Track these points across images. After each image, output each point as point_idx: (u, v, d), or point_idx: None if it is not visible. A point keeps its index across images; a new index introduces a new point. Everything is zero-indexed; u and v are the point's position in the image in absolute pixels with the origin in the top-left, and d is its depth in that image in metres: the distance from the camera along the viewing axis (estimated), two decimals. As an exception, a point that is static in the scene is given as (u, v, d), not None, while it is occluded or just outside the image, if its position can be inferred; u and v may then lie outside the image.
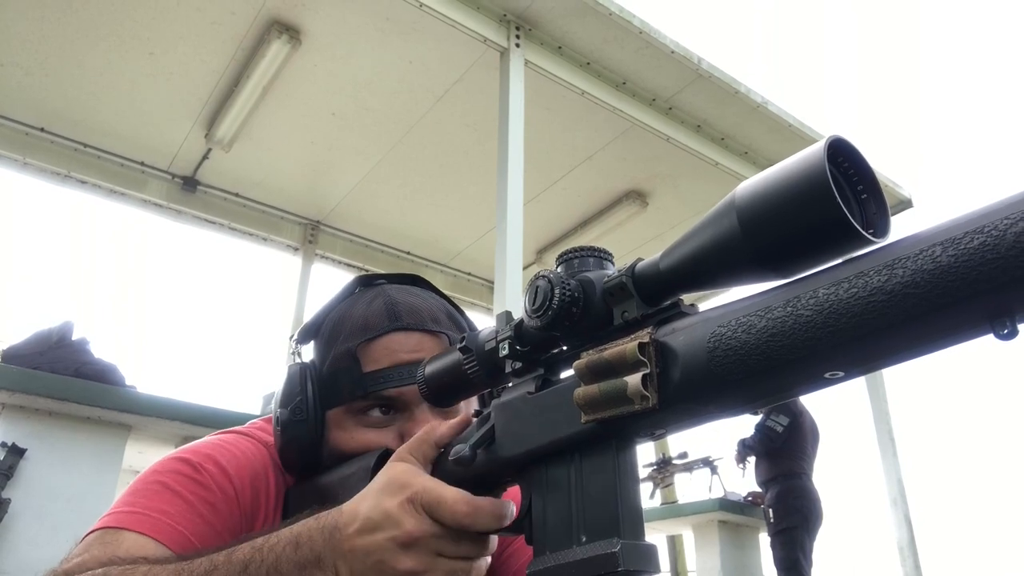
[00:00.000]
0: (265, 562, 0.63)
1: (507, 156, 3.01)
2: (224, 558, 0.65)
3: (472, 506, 0.62)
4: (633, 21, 3.32)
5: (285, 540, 0.64)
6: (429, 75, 3.59)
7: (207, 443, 0.88)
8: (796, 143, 3.93)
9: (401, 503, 0.62)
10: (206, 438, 0.91)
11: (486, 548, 0.65)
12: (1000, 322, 0.42)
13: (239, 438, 0.91)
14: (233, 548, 0.66)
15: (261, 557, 0.64)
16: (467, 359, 0.72)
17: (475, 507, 0.62)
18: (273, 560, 0.63)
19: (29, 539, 2.32)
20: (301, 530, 0.65)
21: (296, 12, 3.24)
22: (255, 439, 0.92)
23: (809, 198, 0.46)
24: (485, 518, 0.62)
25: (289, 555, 0.63)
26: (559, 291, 0.60)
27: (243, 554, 0.65)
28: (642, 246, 4.86)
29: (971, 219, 0.42)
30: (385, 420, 0.87)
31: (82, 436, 2.55)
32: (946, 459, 10.21)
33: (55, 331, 2.70)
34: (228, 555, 0.65)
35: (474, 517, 0.62)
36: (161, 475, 0.81)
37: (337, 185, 4.51)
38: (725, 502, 4.67)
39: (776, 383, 0.50)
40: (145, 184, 4.36)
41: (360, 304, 0.93)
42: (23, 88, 3.70)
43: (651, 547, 0.59)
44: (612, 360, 0.57)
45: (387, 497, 0.63)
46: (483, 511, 0.62)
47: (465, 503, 0.62)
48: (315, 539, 0.64)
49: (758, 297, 0.52)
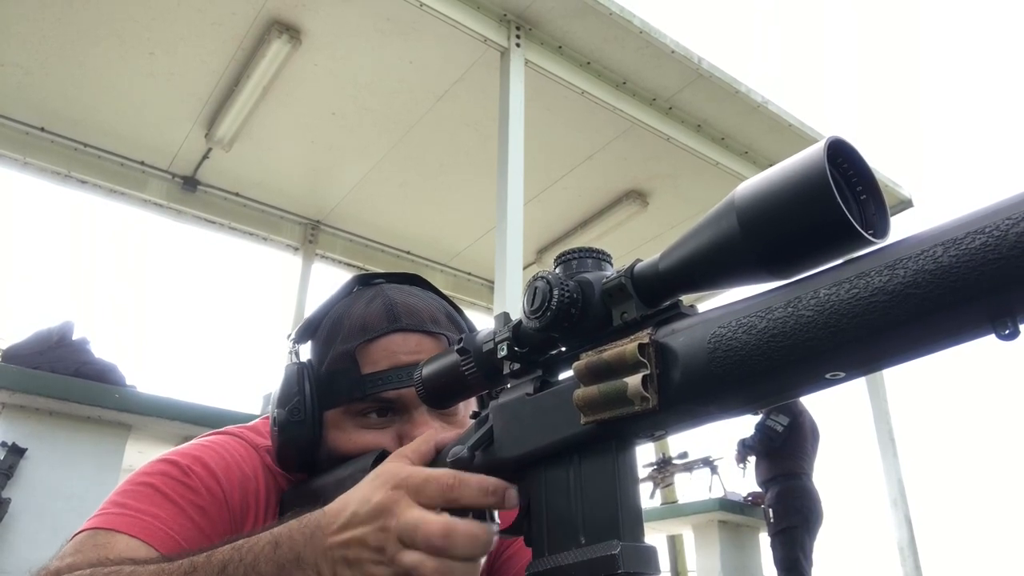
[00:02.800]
0: (244, 562, 0.63)
1: (507, 156, 3.01)
2: (204, 559, 0.64)
3: (458, 478, 0.62)
4: (633, 21, 3.32)
5: (265, 540, 0.64)
6: (429, 75, 3.59)
7: (196, 445, 0.87)
8: (796, 143, 3.93)
9: (387, 493, 0.62)
10: (195, 440, 0.90)
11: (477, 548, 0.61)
12: (1001, 322, 0.41)
13: (228, 439, 0.90)
14: (214, 549, 0.66)
15: (240, 556, 0.63)
16: (465, 360, 0.71)
17: (461, 479, 0.62)
18: (252, 560, 0.63)
19: (29, 539, 2.32)
20: (282, 530, 0.65)
21: (296, 12, 3.24)
22: (245, 441, 0.91)
23: (809, 199, 0.46)
24: (471, 490, 0.62)
25: (268, 555, 0.63)
26: (558, 292, 0.59)
27: (223, 555, 0.64)
28: (642, 246, 4.86)
29: (972, 219, 0.42)
30: (383, 422, 0.87)
31: (82, 436, 2.55)
32: (946, 459, 10.21)
33: (55, 331, 2.70)
34: (208, 556, 0.65)
35: (460, 489, 0.62)
36: (150, 477, 0.81)
37: (337, 185, 4.51)
38: (725, 502, 4.67)
39: (777, 384, 0.50)
40: (145, 184, 4.36)
41: (359, 304, 0.92)
42: (23, 88, 3.70)
43: (651, 549, 0.59)
44: (612, 361, 0.56)
45: (374, 491, 0.63)
46: (469, 483, 0.62)
47: (451, 475, 0.62)
48: (296, 539, 0.63)
49: (758, 298, 0.52)
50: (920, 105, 27.49)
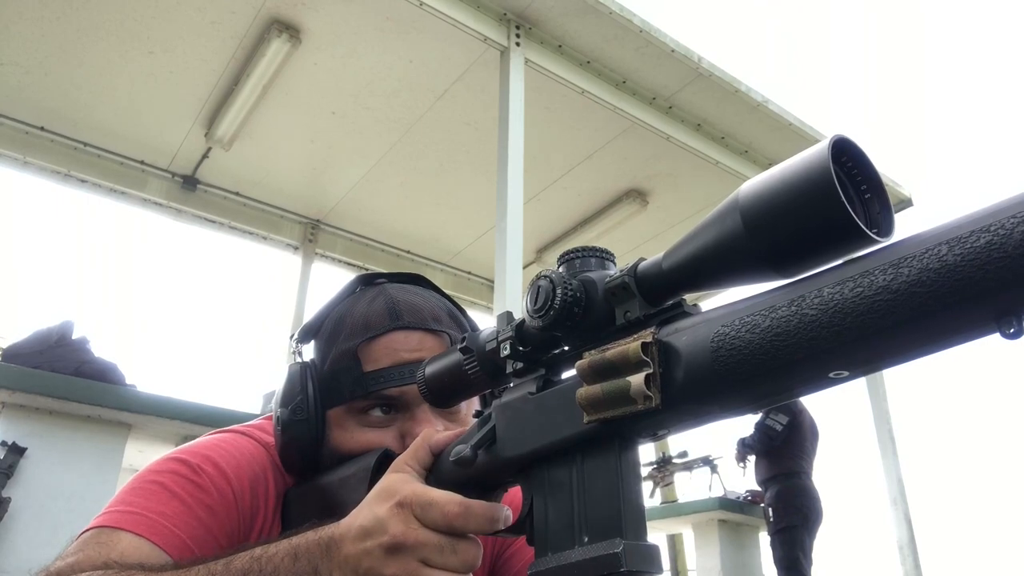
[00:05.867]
0: (263, 572, 0.64)
1: (507, 155, 3.01)
2: (222, 567, 0.65)
3: (463, 506, 0.62)
4: (633, 20, 3.32)
5: (284, 551, 0.65)
6: (429, 74, 3.58)
7: (205, 443, 0.87)
8: (796, 142, 3.94)
9: (391, 508, 0.62)
10: (204, 437, 0.90)
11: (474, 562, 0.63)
12: (1006, 321, 0.41)
13: (238, 438, 0.90)
14: (231, 557, 0.66)
15: (259, 567, 0.64)
16: (468, 359, 0.71)
17: (466, 507, 0.62)
18: (272, 571, 0.64)
19: (29, 538, 2.32)
20: (300, 542, 0.65)
21: (296, 11, 3.24)
22: (254, 439, 0.91)
23: (813, 198, 0.46)
24: (477, 519, 0.62)
25: (288, 567, 0.64)
26: (561, 291, 0.59)
27: (241, 563, 0.65)
28: (642, 245, 4.86)
29: (977, 218, 0.42)
30: (386, 420, 0.87)
31: (82, 435, 2.55)
32: (946, 459, 10.21)
33: (55, 330, 2.69)
34: (226, 564, 0.65)
35: (466, 518, 0.61)
36: (159, 475, 0.81)
37: (337, 184, 4.51)
38: (725, 501, 4.68)
39: (780, 383, 0.50)
40: (145, 183, 4.36)
41: (361, 303, 0.92)
42: (23, 87, 3.70)
43: (654, 547, 0.58)
44: (615, 360, 0.56)
45: (378, 505, 0.63)
46: (475, 511, 0.62)
47: (456, 503, 0.62)
48: (313, 551, 0.64)
49: (762, 297, 0.52)
50: (920, 103, 27.51)
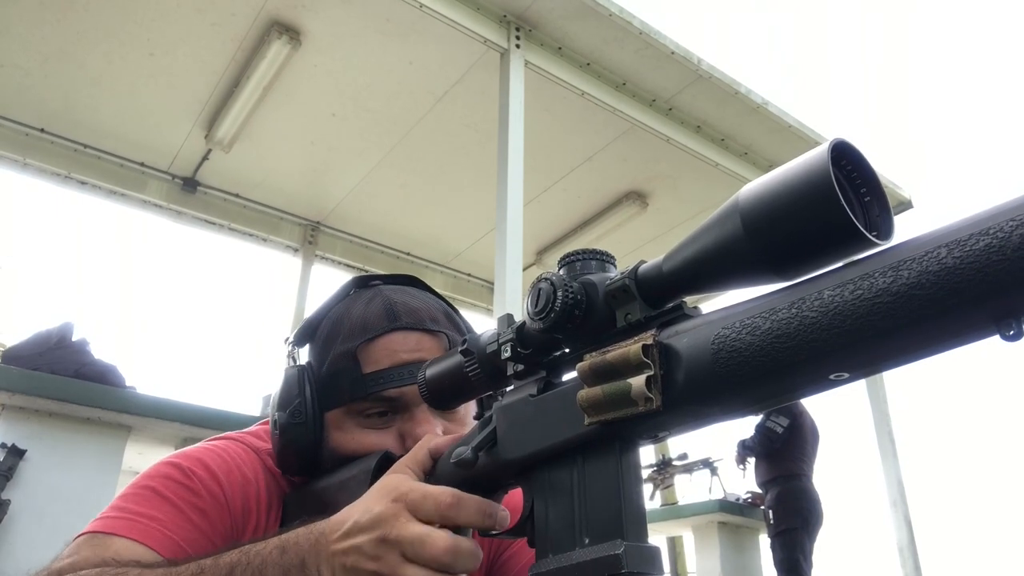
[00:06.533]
0: (251, 565, 0.64)
1: (507, 157, 3.01)
2: (211, 562, 0.66)
3: (456, 497, 0.62)
4: (633, 22, 3.32)
5: (272, 545, 0.66)
6: (429, 76, 3.59)
7: (198, 448, 0.88)
8: (796, 144, 3.94)
9: (387, 505, 0.63)
10: (199, 444, 0.91)
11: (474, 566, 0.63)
12: (1006, 323, 0.41)
13: (230, 443, 0.91)
14: (221, 552, 0.67)
15: (247, 560, 0.65)
16: (468, 362, 0.71)
17: (459, 498, 0.62)
18: (259, 564, 0.64)
19: (29, 540, 2.32)
20: (289, 536, 0.66)
21: (296, 13, 3.24)
22: (247, 445, 0.92)
23: (813, 201, 0.46)
24: (468, 511, 0.62)
25: (275, 559, 0.64)
26: (562, 294, 0.60)
27: (230, 558, 0.66)
28: (642, 247, 4.85)
29: (976, 221, 0.42)
30: (385, 421, 0.87)
31: (82, 437, 2.55)
32: (946, 460, 10.21)
33: (55, 332, 2.69)
34: (216, 559, 0.66)
35: (458, 508, 0.62)
36: (151, 480, 0.82)
37: (337, 186, 4.51)
38: (725, 503, 4.67)
39: (781, 385, 0.50)
40: (145, 185, 4.36)
41: (358, 305, 0.92)
42: (23, 88, 3.70)
43: (655, 549, 0.59)
44: (615, 362, 0.56)
45: (375, 501, 0.64)
46: (467, 503, 0.62)
47: (450, 494, 0.62)
48: (301, 545, 0.65)
49: (762, 299, 0.52)
50: (920, 105, 27.53)
